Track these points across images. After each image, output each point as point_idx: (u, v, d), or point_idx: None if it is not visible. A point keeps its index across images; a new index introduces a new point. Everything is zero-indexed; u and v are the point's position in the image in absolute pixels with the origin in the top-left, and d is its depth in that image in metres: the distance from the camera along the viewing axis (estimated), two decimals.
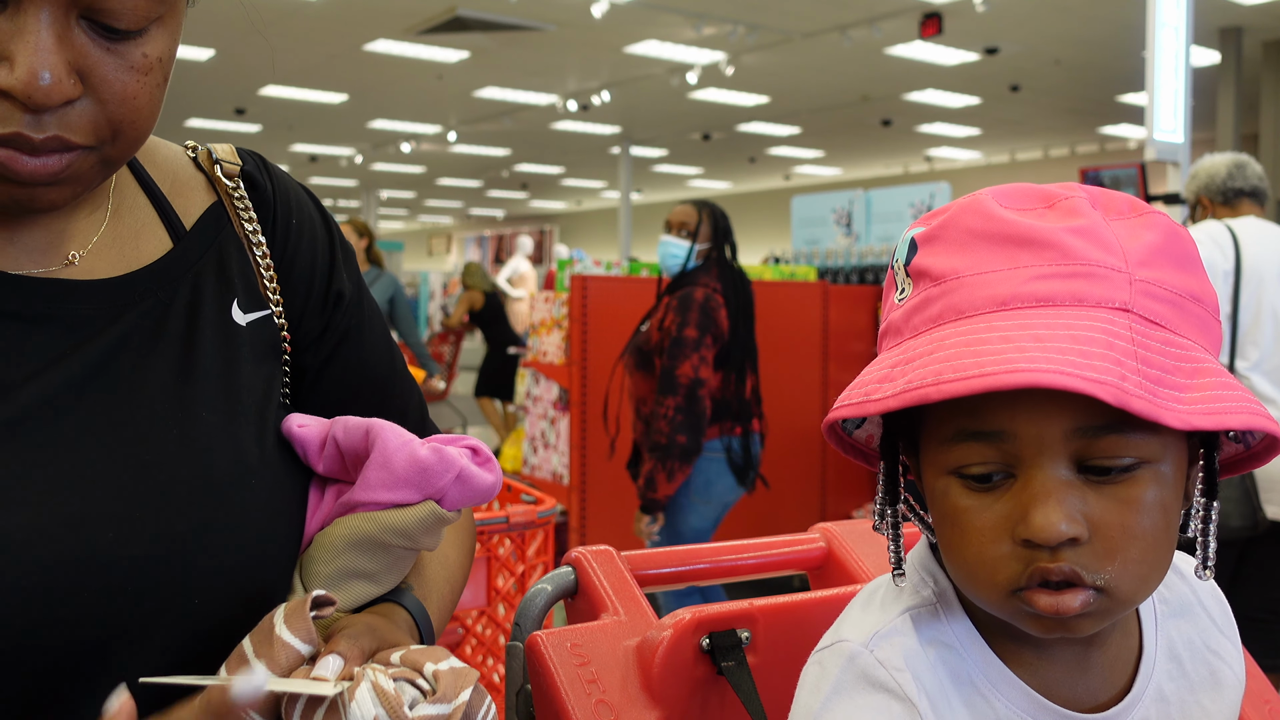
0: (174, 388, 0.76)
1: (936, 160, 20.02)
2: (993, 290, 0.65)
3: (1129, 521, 0.63)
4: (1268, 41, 11.46)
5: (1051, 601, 0.64)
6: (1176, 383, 0.62)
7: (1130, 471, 0.64)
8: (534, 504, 2.04)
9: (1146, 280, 0.65)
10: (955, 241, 0.68)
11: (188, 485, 0.74)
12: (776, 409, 5.24)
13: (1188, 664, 0.76)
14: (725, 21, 10.49)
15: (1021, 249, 0.66)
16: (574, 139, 17.51)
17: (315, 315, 0.89)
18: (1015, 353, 0.60)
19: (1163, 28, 5.13)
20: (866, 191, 7.16)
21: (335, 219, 0.95)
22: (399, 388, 0.96)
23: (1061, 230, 0.66)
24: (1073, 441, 0.63)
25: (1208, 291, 0.68)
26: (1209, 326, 0.68)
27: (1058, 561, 0.63)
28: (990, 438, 0.65)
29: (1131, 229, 0.67)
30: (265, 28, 10.47)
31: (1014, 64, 12.15)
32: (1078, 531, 0.62)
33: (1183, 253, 0.68)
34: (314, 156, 19.59)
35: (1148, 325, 0.64)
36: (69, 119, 0.67)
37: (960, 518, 0.67)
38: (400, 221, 32.89)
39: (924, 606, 0.74)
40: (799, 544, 1.15)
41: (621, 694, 0.92)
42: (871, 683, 0.70)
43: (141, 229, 0.82)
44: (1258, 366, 3.12)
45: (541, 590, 1.02)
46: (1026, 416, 0.63)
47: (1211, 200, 3.34)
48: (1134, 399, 0.58)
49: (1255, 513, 3.00)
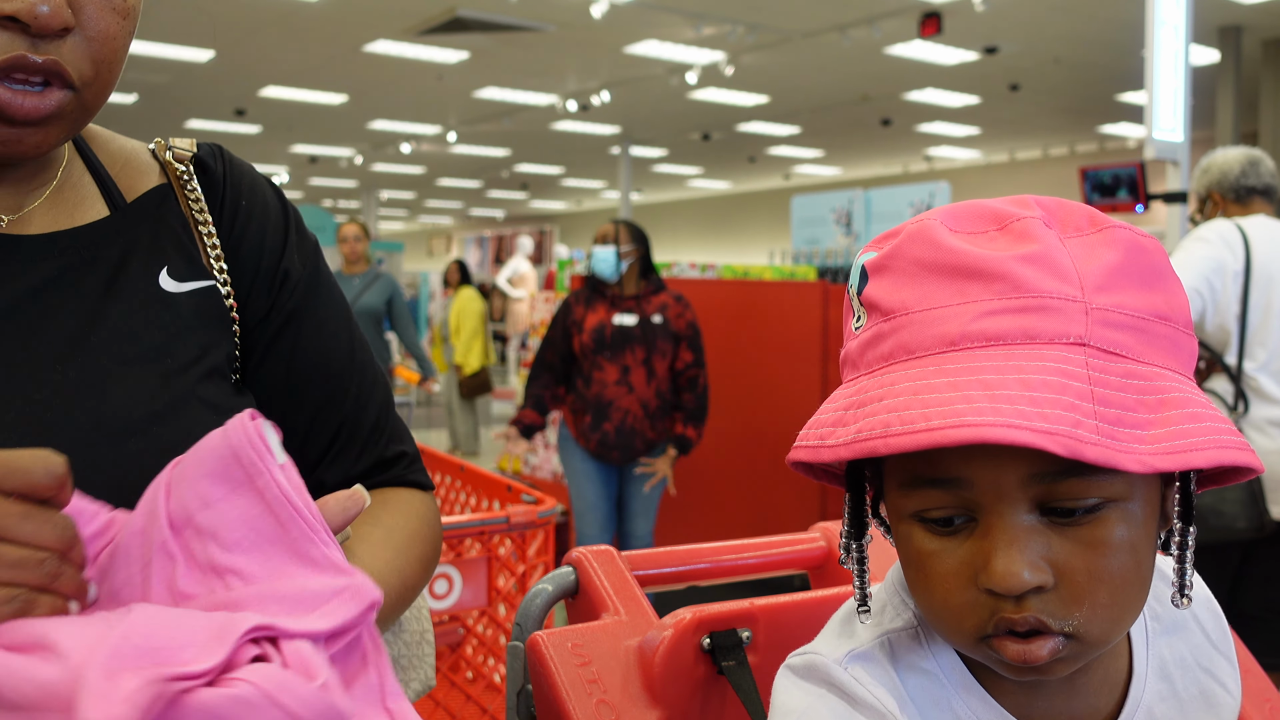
0: (80, 337, 0.78)
1: (936, 160, 20.01)
2: (942, 328, 0.63)
3: (1096, 565, 0.61)
4: (1267, 40, 11.46)
5: (1019, 650, 0.62)
6: (1139, 419, 0.59)
7: (1096, 512, 0.61)
8: (534, 504, 2.05)
9: (1105, 308, 0.62)
10: (904, 273, 0.65)
11: (80, 423, 0.75)
12: (776, 408, 5.25)
13: (1179, 683, 0.73)
14: (725, 21, 10.49)
15: (970, 281, 0.63)
16: (574, 139, 17.51)
17: (262, 294, 0.90)
18: (963, 404, 0.57)
19: (1162, 26, 5.13)
20: (866, 191, 7.16)
21: (297, 208, 0.96)
22: (357, 383, 0.94)
23: (1012, 259, 0.62)
24: (1031, 487, 0.61)
25: (1177, 306, 0.65)
26: (1179, 345, 0.64)
27: (1023, 611, 0.61)
28: (947, 484, 0.63)
29: (1089, 248, 0.64)
30: (264, 28, 10.48)
31: (1013, 63, 12.15)
32: (1041, 579, 0.60)
33: (1147, 267, 0.64)
34: (314, 157, 19.58)
35: (1107, 358, 0.60)
36: (62, 50, 0.73)
37: (924, 563, 0.65)
38: (400, 222, 32.89)
39: (904, 630, 0.72)
40: (799, 544, 1.16)
41: (622, 694, 0.92)
42: (849, 697, 0.68)
43: (81, 201, 0.85)
44: (1265, 367, 3.11)
45: (542, 590, 1.02)
46: (981, 464, 0.61)
47: (1223, 196, 3.31)
48: (1088, 447, 0.55)
49: (1262, 514, 2.99)
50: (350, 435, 0.93)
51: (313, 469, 0.91)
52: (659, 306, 4.08)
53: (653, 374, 4.02)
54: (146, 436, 0.77)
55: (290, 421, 0.90)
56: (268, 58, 12.09)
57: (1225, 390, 3.13)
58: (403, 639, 1.01)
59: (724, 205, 24.81)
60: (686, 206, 25.83)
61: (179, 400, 0.80)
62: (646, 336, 4.02)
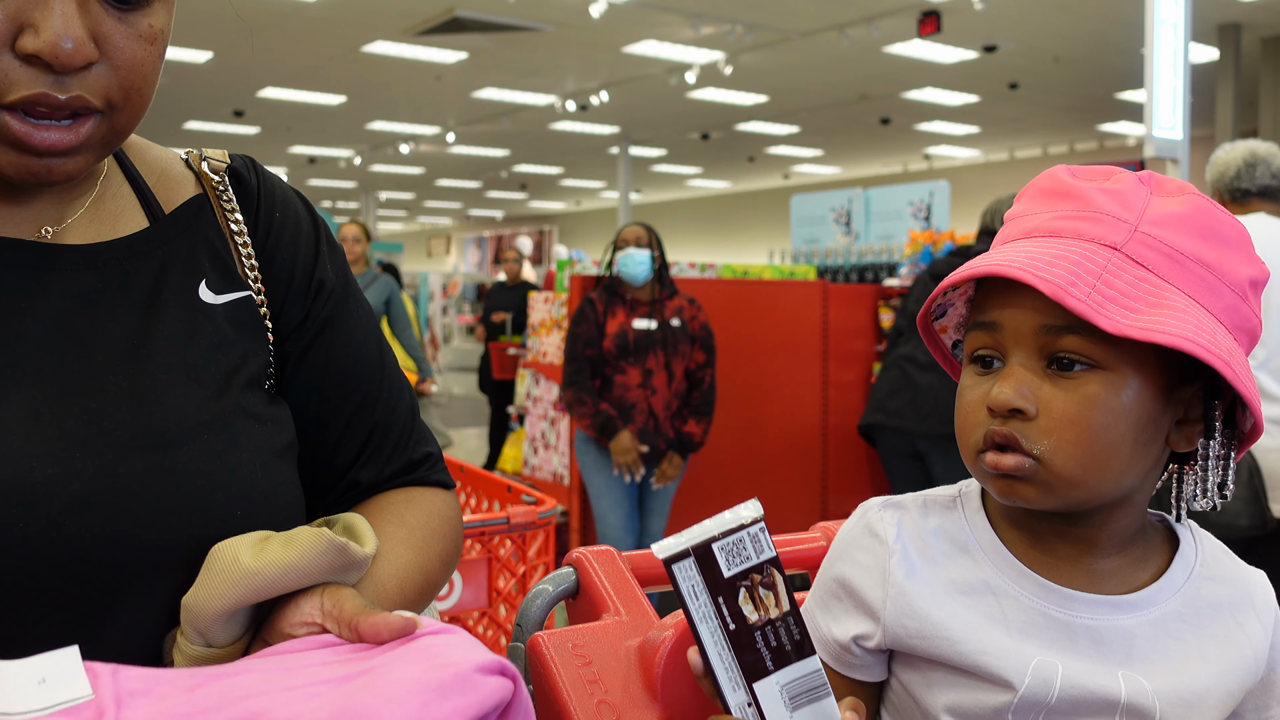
0: (128, 347, 0.80)
1: (935, 158, 20.01)
2: (1030, 225, 0.83)
3: (1071, 409, 0.76)
4: (1266, 38, 11.46)
5: (994, 458, 0.78)
6: (1133, 306, 0.75)
7: (1086, 370, 0.77)
8: (534, 505, 2.04)
9: (1149, 234, 0.78)
10: (1028, 195, 0.87)
11: (132, 434, 0.76)
12: (777, 408, 5.24)
13: (1205, 616, 0.82)
14: (723, 21, 10.49)
15: (1063, 200, 0.83)
16: (573, 139, 17.51)
17: (296, 303, 0.92)
18: (1008, 259, 0.77)
19: (1161, 24, 5.13)
20: (866, 190, 7.16)
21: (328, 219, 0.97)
22: (387, 390, 0.97)
23: (1095, 189, 0.81)
24: (1040, 336, 0.78)
25: (1229, 265, 0.79)
26: (1214, 290, 0.78)
27: (1005, 427, 0.78)
28: (988, 327, 0.81)
29: (1166, 202, 0.80)
30: (263, 29, 10.47)
31: (1013, 61, 12.15)
32: (1023, 404, 0.77)
33: (1208, 228, 0.79)
34: (312, 158, 19.59)
35: (1130, 264, 0.77)
36: (87, 81, 0.74)
37: (962, 394, 0.83)
38: (399, 223, 32.90)
39: (941, 497, 0.89)
40: (799, 543, 1.15)
41: (623, 694, 0.92)
42: (865, 527, 0.87)
43: (121, 212, 0.86)
44: (1265, 365, 3.10)
45: (543, 591, 1.02)
46: (1010, 311, 0.79)
47: (1222, 196, 3.30)
48: (1071, 299, 0.73)
49: (1264, 512, 2.99)
50: (382, 438, 0.95)
51: (347, 470, 0.94)
52: (675, 310, 4.17)
53: (672, 376, 4.12)
54: (195, 446, 0.79)
55: (325, 426, 0.92)
56: (266, 59, 12.09)
57: None
58: None
59: (723, 205, 24.81)
60: (686, 206, 25.84)
61: (224, 410, 0.82)
62: (667, 340, 4.10)
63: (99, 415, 0.76)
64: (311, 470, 0.92)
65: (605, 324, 4.08)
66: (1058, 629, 0.79)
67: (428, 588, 0.90)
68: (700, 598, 0.69)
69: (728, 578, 0.69)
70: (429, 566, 0.90)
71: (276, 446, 0.85)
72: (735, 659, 0.69)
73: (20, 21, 0.71)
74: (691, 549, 0.69)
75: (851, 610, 0.85)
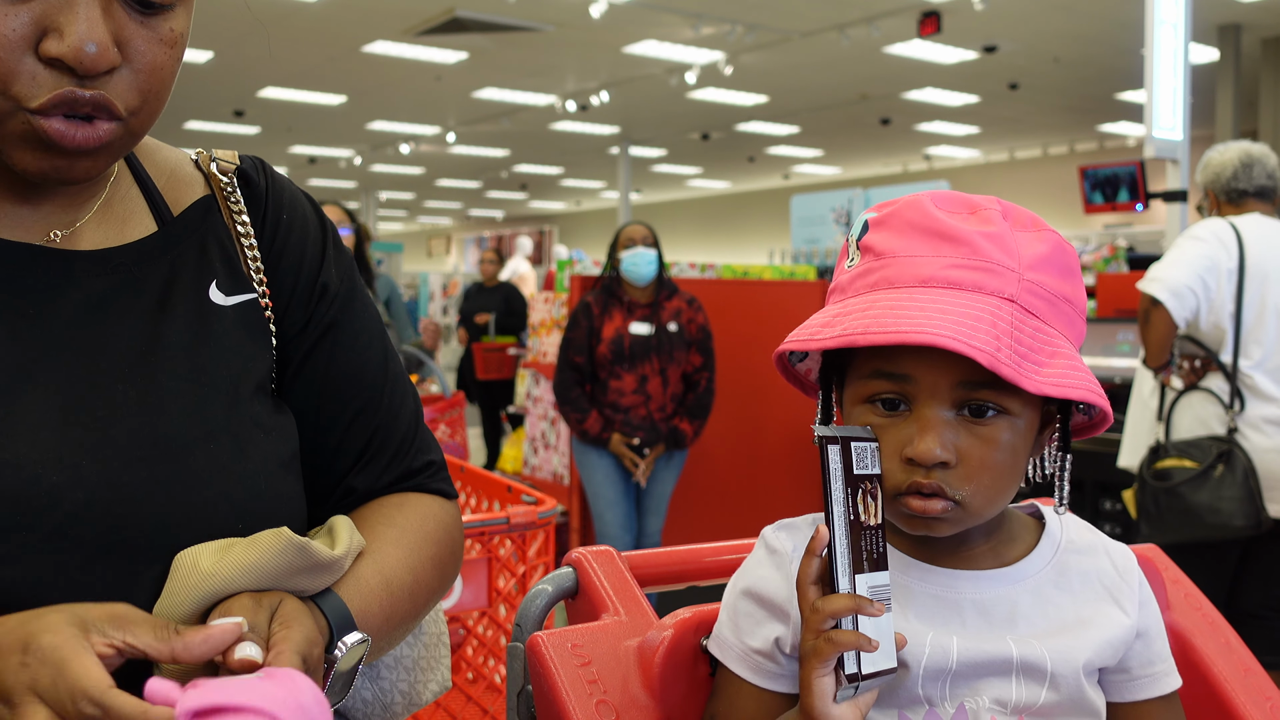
0: (139, 353, 0.80)
1: (935, 159, 20.01)
2: (918, 271, 0.84)
3: (987, 455, 0.83)
4: (1266, 39, 11.47)
5: (921, 505, 0.83)
6: (1039, 359, 0.81)
7: (995, 418, 0.83)
8: (534, 505, 2.04)
9: (1032, 281, 0.84)
10: (897, 229, 0.87)
11: (138, 442, 0.76)
12: (776, 408, 5.24)
13: (1076, 584, 0.91)
14: (724, 21, 10.49)
15: (944, 242, 0.85)
16: (573, 139, 17.51)
17: (301, 306, 0.91)
18: (924, 320, 0.79)
19: (1161, 25, 5.13)
20: (866, 190, 7.16)
21: (333, 222, 0.98)
22: (390, 396, 0.96)
23: (976, 233, 0.85)
24: (957, 391, 0.83)
25: (1079, 296, 0.88)
26: (1075, 323, 0.87)
27: (930, 478, 0.82)
28: (899, 378, 0.84)
29: (1029, 240, 0.86)
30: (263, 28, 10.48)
31: (1013, 62, 12.15)
32: (948, 457, 0.82)
33: (1065, 264, 0.87)
34: (313, 158, 19.59)
35: (1026, 315, 0.83)
36: (109, 84, 0.74)
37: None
38: (399, 223, 32.89)
39: None
40: None
41: (622, 694, 0.92)
42: (764, 546, 0.92)
43: (129, 215, 0.86)
44: (1260, 365, 3.09)
45: (542, 591, 1.02)
46: (927, 367, 0.82)
47: (1217, 197, 3.30)
48: (1004, 366, 0.78)
49: (1259, 512, 2.98)
50: (381, 444, 0.95)
51: (343, 476, 0.93)
52: (673, 313, 4.14)
53: (667, 382, 4.11)
54: (201, 456, 0.79)
55: (324, 430, 0.92)
56: (266, 58, 12.09)
57: (1221, 389, 3.10)
58: (422, 641, 1.02)
59: (723, 205, 24.81)
60: (686, 206, 25.83)
61: (231, 419, 0.82)
62: (663, 346, 4.08)
63: (107, 423, 0.76)
64: (310, 475, 0.92)
65: (601, 328, 4.07)
66: (948, 608, 0.87)
67: (418, 589, 0.90)
68: (839, 480, 0.79)
69: (855, 474, 0.80)
70: (419, 567, 0.90)
71: (282, 457, 0.85)
72: (849, 547, 0.78)
73: (44, 25, 0.70)
74: (841, 438, 0.80)
75: (764, 619, 0.89)
